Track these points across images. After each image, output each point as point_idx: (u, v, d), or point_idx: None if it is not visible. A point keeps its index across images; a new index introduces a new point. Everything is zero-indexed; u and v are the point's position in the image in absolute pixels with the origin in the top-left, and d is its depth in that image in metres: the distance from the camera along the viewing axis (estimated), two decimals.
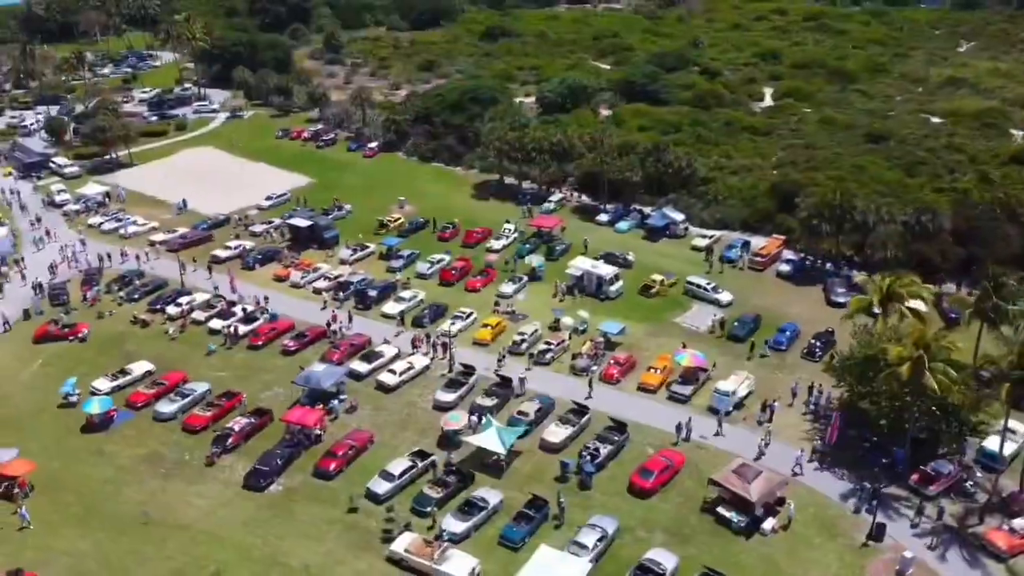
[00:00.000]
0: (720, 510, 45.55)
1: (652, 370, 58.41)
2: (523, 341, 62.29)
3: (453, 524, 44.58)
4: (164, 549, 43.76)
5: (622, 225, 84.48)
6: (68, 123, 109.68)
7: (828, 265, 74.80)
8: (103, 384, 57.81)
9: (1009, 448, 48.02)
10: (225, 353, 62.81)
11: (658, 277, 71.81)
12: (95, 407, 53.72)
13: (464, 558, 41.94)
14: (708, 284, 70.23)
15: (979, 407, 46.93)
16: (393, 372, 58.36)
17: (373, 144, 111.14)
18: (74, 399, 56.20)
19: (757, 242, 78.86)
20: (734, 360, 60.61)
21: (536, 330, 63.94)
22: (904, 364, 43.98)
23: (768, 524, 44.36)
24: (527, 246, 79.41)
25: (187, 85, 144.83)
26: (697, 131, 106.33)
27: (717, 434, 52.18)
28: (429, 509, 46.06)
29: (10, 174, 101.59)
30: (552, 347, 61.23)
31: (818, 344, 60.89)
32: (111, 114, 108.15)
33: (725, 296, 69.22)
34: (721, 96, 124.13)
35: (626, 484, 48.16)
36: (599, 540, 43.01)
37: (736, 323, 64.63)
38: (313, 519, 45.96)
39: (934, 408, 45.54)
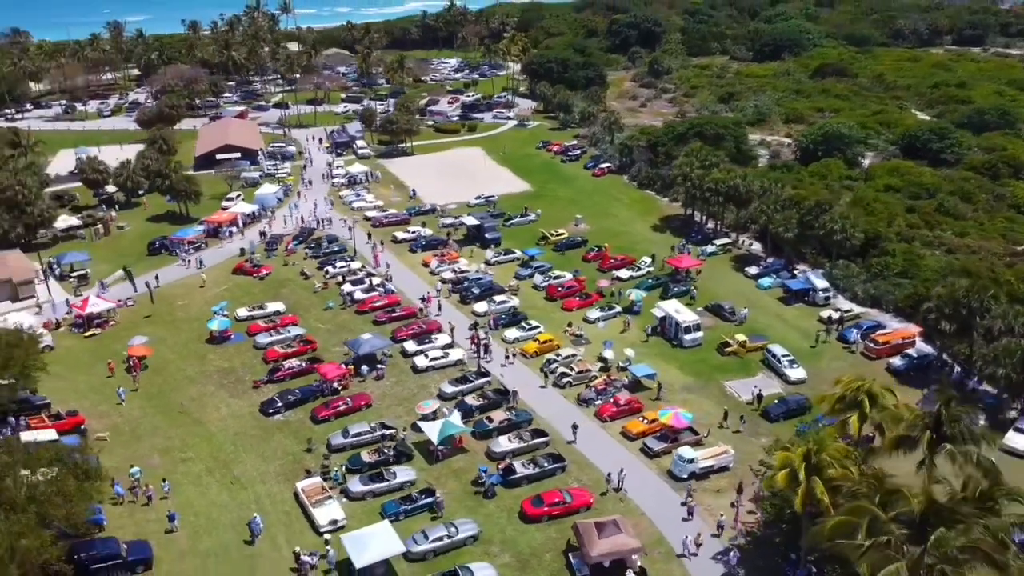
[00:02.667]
0: (571, 555, 45.78)
1: (642, 419, 57.75)
2: (554, 362, 65.28)
3: (356, 484, 51.68)
4: (174, 427, 57.97)
5: (764, 281, 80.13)
6: (377, 115, 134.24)
7: (956, 370, 63.51)
8: (242, 312, 74.99)
9: None
10: (337, 311, 76.16)
11: (741, 338, 68.28)
12: (215, 325, 70.69)
13: (335, 509, 48.98)
14: (785, 356, 65.03)
15: None
16: (426, 356, 66.17)
17: (605, 164, 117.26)
18: (221, 316, 73.98)
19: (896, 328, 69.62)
20: (746, 436, 56.78)
21: (574, 355, 66.32)
22: (782, 472, 39.74)
23: None
24: (650, 281, 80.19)
25: (503, 94, 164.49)
26: (942, 200, 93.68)
27: (685, 501, 50.16)
28: (357, 468, 53.59)
29: (328, 149, 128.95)
30: (572, 373, 63.38)
31: None
32: (403, 111, 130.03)
33: (797, 373, 63.63)
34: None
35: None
36: (442, 536, 46.66)
37: (776, 402, 59.73)
38: (278, 447, 56.42)
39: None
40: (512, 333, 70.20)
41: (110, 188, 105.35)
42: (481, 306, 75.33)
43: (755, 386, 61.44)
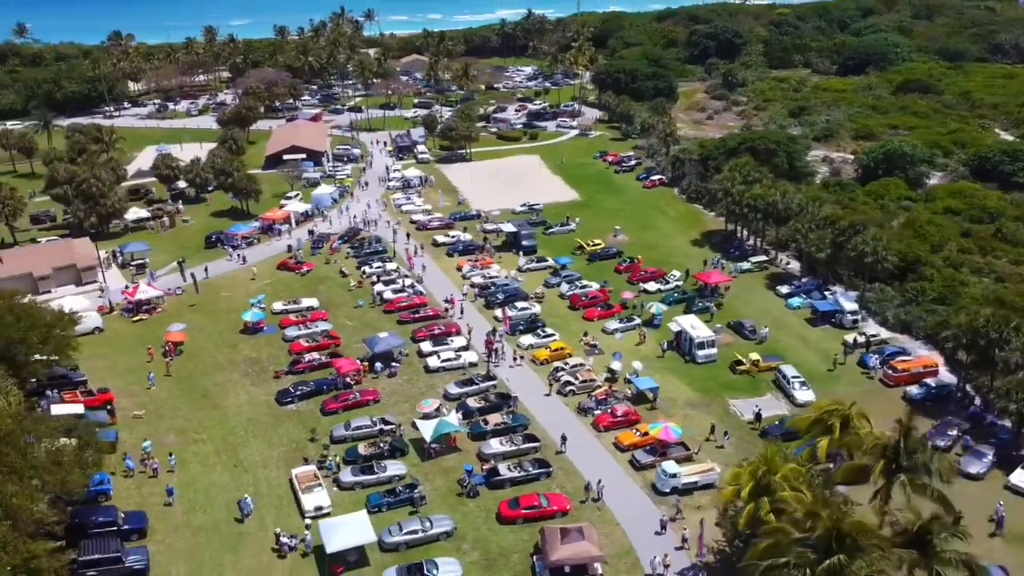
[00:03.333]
0: (535, 558, 46.82)
1: (636, 431, 58.11)
2: (561, 370, 66.28)
3: (347, 475, 54.19)
4: (194, 410, 61.97)
5: (794, 301, 78.69)
6: (440, 120, 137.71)
7: (976, 403, 61.03)
8: (278, 305, 79.01)
9: None
10: (367, 310, 79.23)
11: (755, 357, 67.55)
12: (249, 317, 74.87)
13: (322, 497, 51.56)
14: (795, 377, 63.99)
15: None
16: (438, 357, 68.29)
17: (656, 176, 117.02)
18: (257, 308, 78.20)
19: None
20: (739, 455, 56.31)
21: (581, 364, 67.13)
22: (729, 489, 39.80)
23: None
24: (675, 295, 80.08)
25: (570, 103, 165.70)
26: (1001, 225, 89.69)
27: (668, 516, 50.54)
28: (352, 460, 56.10)
29: (391, 153, 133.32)
30: (576, 382, 64.27)
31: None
32: (464, 118, 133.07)
33: (805, 395, 62.51)
34: None
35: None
36: (416, 530, 48.52)
37: (777, 423, 59.00)
38: (285, 435, 59.50)
39: None
40: (527, 339, 71.49)
41: (181, 184, 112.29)
42: (501, 312, 76.78)
43: (756, 405, 60.74)
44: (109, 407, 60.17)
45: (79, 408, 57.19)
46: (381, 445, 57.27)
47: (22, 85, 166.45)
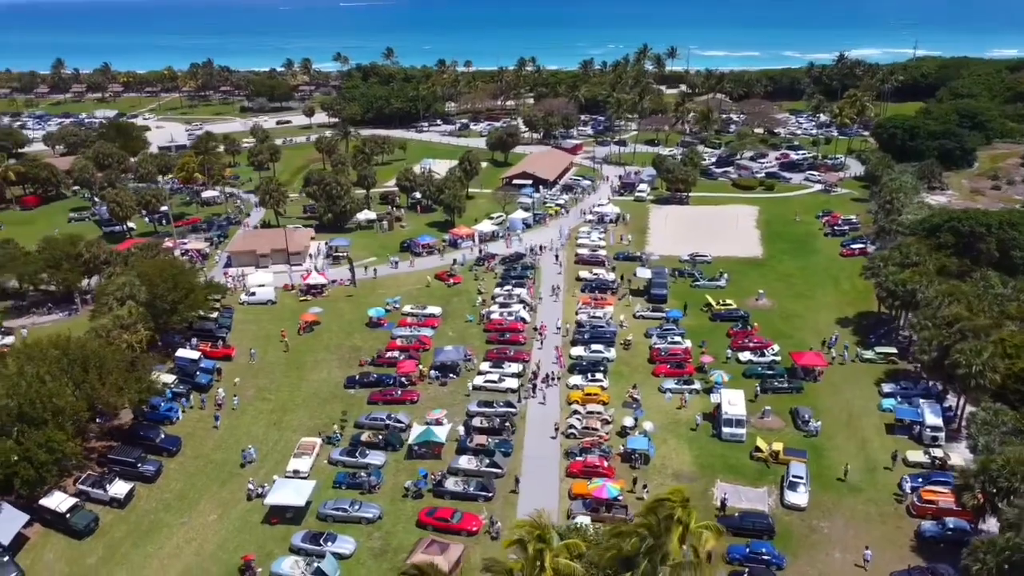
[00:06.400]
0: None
1: (591, 483, 59.55)
2: (576, 413, 69.16)
3: (335, 454, 64.63)
4: (283, 376, 77.10)
5: (887, 402, 70.72)
6: (675, 161, 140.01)
7: None
8: (408, 307, 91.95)
9: None
10: (472, 325, 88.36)
11: (777, 447, 63.40)
12: (372, 313, 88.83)
13: (304, 463, 62.64)
14: (797, 477, 59.22)
15: None
16: (481, 375, 75.26)
17: (859, 245, 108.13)
18: (389, 306, 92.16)
19: None
20: None
21: (598, 412, 69.07)
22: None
23: None
24: (759, 370, 76.64)
25: (837, 156, 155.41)
26: None
27: None
28: (353, 443, 66.42)
29: (615, 188, 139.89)
30: (578, 428, 66.87)
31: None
32: (689, 162, 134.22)
33: (797, 497, 57.91)
34: None
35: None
36: (345, 508, 57.34)
37: (738, 515, 56.03)
38: (327, 411, 71.62)
39: None
40: (574, 379, 74.84)
41: (416, 195, 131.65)
42: (579, 349, 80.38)
43: (724, 493, 57.93)
44: (217, 365, 77.48)
45: (196, 355, 75.58)
46: (379, 437, 66.56)
47: (365, 100, 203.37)
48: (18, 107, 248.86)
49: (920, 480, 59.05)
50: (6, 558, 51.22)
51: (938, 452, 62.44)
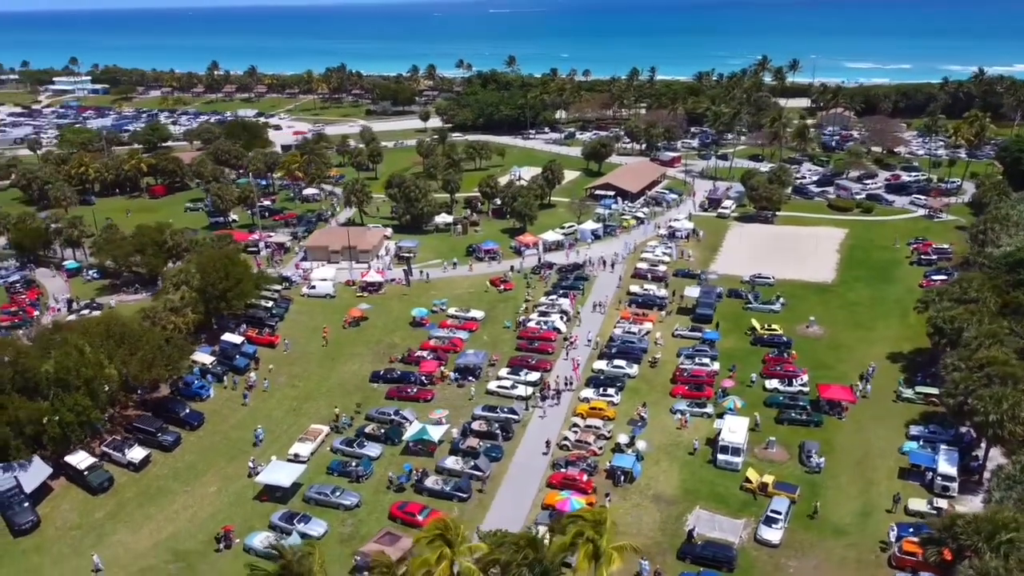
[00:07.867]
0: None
1: (562, 493, 59.98)
2: (575, 426, 69.53)
3: (336, 443, 68.49)
4: (317, 367, 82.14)
5: (908, 445, 66.18)
6: (762, 178, 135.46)
7: None
8: (451, 310, 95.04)
9: None
10: (508, 331, 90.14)
11: (768, 479, 61.29)
12: (414, 313, 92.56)
13: (306, 448, 66.88)
14: (774, 512, 57.20)
15: None
16: (497, 379, 76.99)
17: (940, 277, 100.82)
18: (435, 308, 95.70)
19: None
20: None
21: (596, 427, 69.13)
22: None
23: None
24: (781, 398, 73.96)
25: (954, 180, 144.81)
26: None
27: None
28: (359, 434, 70.11)
29: (701, 204, 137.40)
30: (571, 441, 67.32)
31: None
32: (777, 180, 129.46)
33: (770, 534, 55.89)
34: None
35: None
36: (326, 493, 60.94)
37: (701, 545, 54.85)
38: (345, 402, 75.66)
39: None
40: (587, 392, 75.13)
41: (496, 201, 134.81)
42: (601, 362, 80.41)
43: (691, 523, 56.63)
44: (255, 353, 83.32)
45: (239, 339, 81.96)
46: (382, 430, 69.84)
47: (477, 106, 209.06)
48: (170, 105, 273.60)
49: (910, 530, 55.28)
50: (26, 504, 58.32)
51: (943, 503, 58.11)
